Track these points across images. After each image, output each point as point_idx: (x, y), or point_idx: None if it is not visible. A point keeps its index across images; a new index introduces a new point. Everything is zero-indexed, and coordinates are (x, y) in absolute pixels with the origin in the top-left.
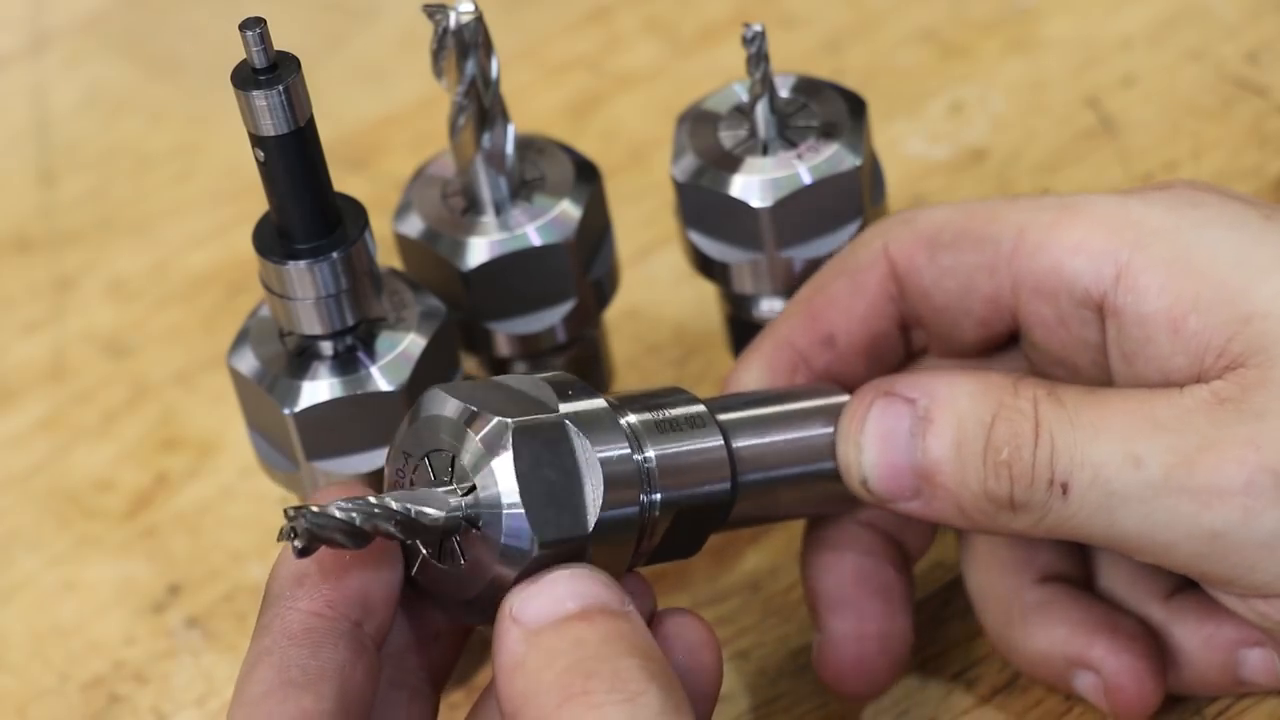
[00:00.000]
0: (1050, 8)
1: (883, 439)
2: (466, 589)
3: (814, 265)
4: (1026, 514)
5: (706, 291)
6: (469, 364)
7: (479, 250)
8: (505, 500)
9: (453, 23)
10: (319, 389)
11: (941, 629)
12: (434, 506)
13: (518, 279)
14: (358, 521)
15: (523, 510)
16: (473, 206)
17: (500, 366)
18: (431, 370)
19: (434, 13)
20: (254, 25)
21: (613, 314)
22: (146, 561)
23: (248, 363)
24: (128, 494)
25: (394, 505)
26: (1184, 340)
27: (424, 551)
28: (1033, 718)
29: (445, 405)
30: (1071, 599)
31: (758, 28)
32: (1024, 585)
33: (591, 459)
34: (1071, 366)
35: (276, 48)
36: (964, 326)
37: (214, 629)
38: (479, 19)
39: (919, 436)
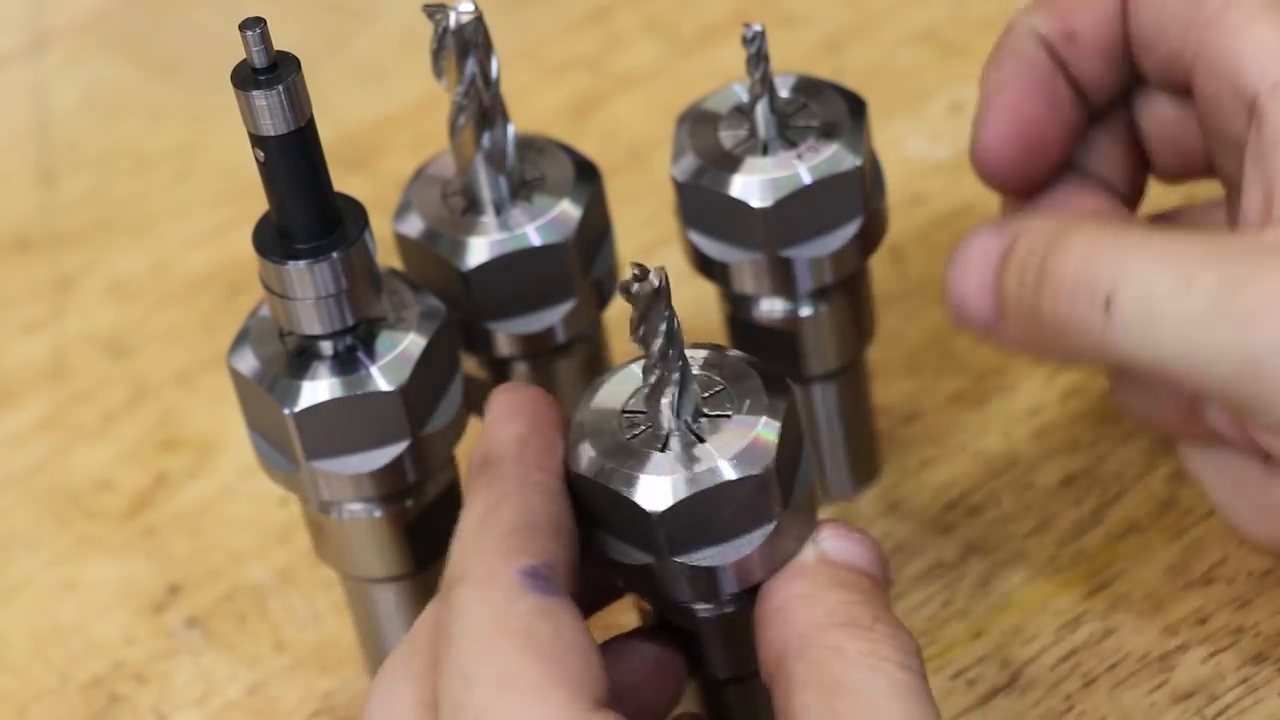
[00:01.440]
0: None
1: (974, 263)
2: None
3: (814, 265)
4: (1073, 333)
5: (706, 291)
6: (469, 364)
7: (479, 250)
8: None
9: (453, 23)
10: (319, 389)
11: (941, 629)
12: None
13: (518, 279)
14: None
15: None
16: (473, 206)
17: (500, 366)
18: (431, 370)
19: (434, 13)
20: (254, 25)
21: (613, 314)
22: (146, 561)
23: (248, 363)
24: (128, 494)
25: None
26: None
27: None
28: (1032, 718)
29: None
30: None
31: (758, 28)
32: None
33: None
34: (1218, 141)
35: (276, 48)
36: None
37: (214, 629)
38: (479, 19)
39: (999, 261)
